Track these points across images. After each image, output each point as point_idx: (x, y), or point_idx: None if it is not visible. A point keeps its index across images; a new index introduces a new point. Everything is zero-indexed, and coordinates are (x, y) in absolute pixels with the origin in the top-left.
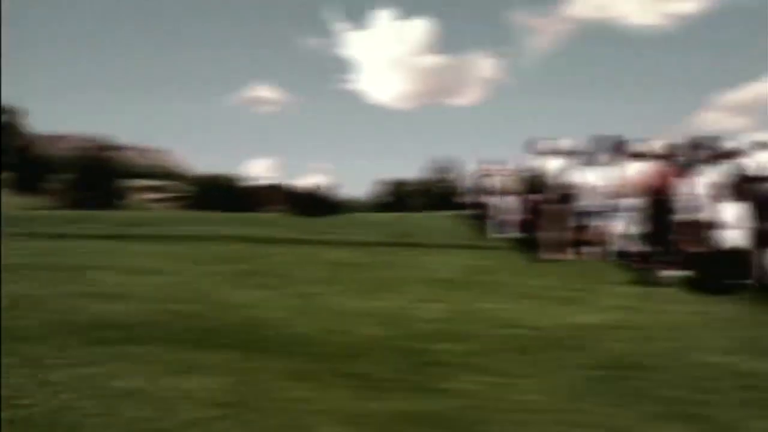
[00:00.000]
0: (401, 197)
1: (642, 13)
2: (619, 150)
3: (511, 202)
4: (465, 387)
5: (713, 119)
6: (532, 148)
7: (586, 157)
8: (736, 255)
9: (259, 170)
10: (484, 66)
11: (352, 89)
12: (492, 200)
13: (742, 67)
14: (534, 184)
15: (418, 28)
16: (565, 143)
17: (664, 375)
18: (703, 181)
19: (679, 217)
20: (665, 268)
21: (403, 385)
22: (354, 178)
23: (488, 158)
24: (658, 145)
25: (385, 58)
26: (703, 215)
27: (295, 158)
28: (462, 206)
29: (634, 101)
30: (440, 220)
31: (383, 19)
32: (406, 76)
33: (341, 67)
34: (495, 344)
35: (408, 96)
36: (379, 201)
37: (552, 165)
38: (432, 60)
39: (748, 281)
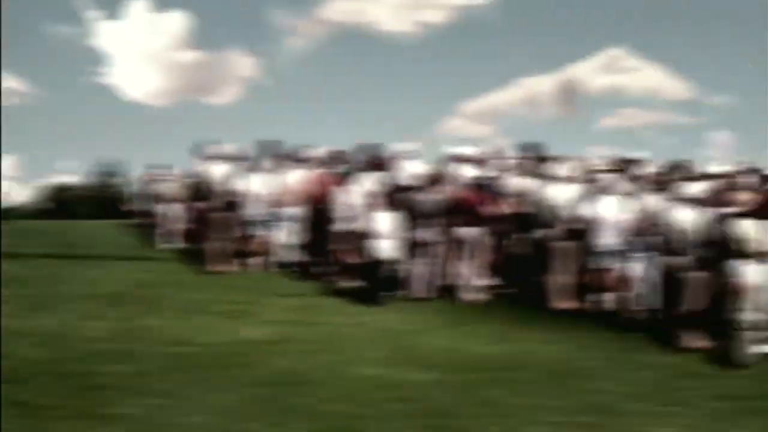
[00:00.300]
0: (64, 203)
1: (394, 19)
2: (282, 156)
3: (178, 210)
4: (129, 412)
5: (458, 127)
6: (198, 152)
7: (251, 162)
8: (389, 265)
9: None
10: (242, 64)
11: (105, 83)
12: (159, 208)
13: (483, 77)
14: (199, 191)
15: (175, 21)
16: (230, 148)
17: (325, 390)
18: (360, 189)
19: (336, 226)
20: (326, 279)
21: (66, 412)
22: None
23: (156, 163)
24: (320, 151)
25: (140, 52)
26: (358, 225)
27: (41, 156)
28: (129, 214)
29: (386, 106)
30: (106, 229)
31: (138, 10)
32: (162, 71)
33: (93, 59)
34: (160, 364)
35: (163, 92)
36: (40, 207)
37: (217, 171)
38: (189, 56)
39: (401, 292)
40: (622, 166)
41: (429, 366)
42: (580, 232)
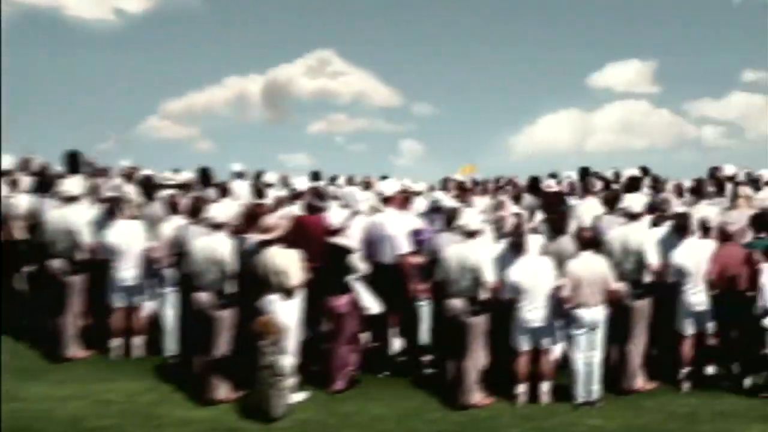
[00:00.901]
0: None
1: (87, 3)
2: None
3: None
4: None
5: (159, 127)
6: None
7: None
8: None
9: None
10: None
11: None
12: None
13: (187, 73)
14: None
15: None
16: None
17: None
18: None
19: None
20: None
21: None
22: None
23: None
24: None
25: None
26: None
27: None
28: None
29: (80, 103)
30: None
31: None
32: None
33: None
34: None
35: None
36: None
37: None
38: None
39: None
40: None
41: None
42: (97, 262)
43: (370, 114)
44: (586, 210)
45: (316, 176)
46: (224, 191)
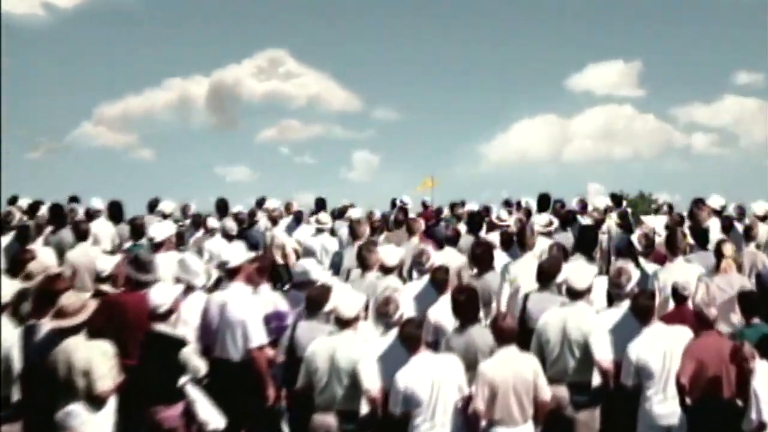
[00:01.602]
0: None
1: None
2: None
3: None
4: None
5: (94, 134)
6: None
7: None
8: None
9: None
10: None
11: None
12: None
13: (124, 75)
14: None
15: None
16: None
17: None
18: None
19: None
20: None
21: None
22: None
23: None
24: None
25: None
26: None
27: None
28: None
29: (14, 108)
30: None
31: None
32: None
33: None
34: None
35: None
36: None
37: None
38: None
39: None
40: None
41: None
42: None
43: (325, 120)
44: (525, 270)
45: (222, 208)
46: (81, 233)
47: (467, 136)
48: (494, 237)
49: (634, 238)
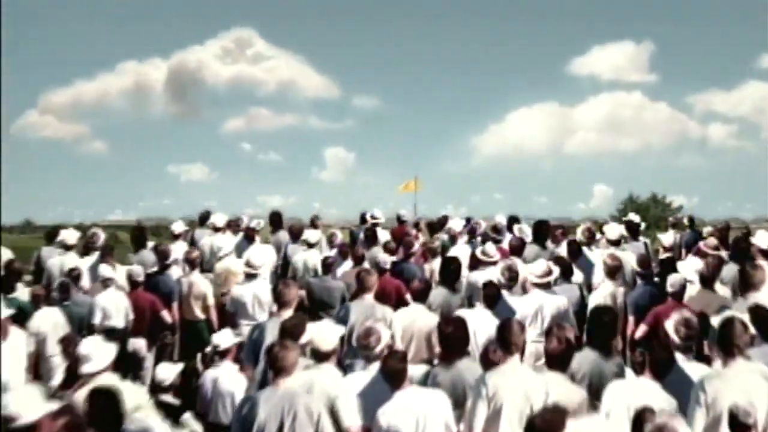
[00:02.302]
0: None
1: None
2: None
3: None
4: None
5: (40, 124)
6: None
7: None
8: None
9: None
10: None
11: None
12: None
13: (74, 58)
14: None
15: None
16: None
17: None
18: None
19: None
20: None
21: None
22: None
23: None
24: None
25: None
26: None
27: None
28: None
29: None
30: None
31: None
32: None
33: None
34: None
35: None
36: None
37: None
38: None
39: None
40: None
41: None
42: None
43: (299, 108)
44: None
45: (139, 238)
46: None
47: (457, 127)
48: (480, 276)
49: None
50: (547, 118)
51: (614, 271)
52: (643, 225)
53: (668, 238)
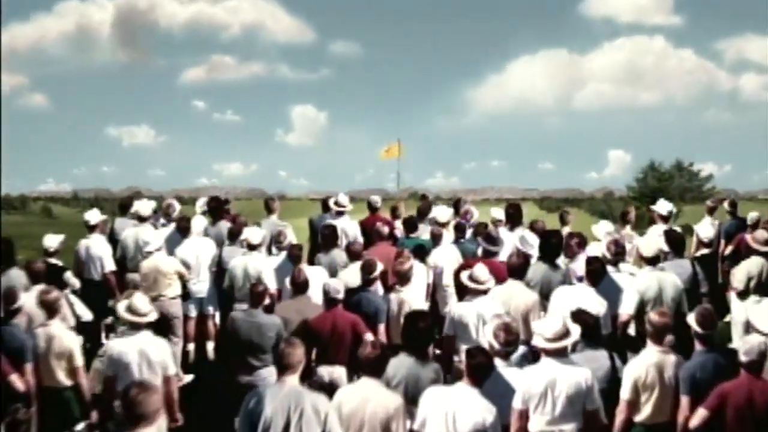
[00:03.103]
0: None
1: None
2: None
3: None
4: None
5: None
6: None
7: None
8: None
9: None
10: None
11: None
12: None
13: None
14: None
15: None
16: None
17: None
18: None
19: None
20: None
21: None
22: None
23: None
24: None
25: None
26: None
27: None
28: None
29: None
30: None
31: None
32: None
33: None
34: None
35: None
36: None
37: None
38: None
39: None
40: None
41: None
42: None
43: (268, 56)
44: None
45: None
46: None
47: (449, 79)
48: (466, 310)
49: None
50: (555, 67)
51: (661, 333)
52: (673, 208)
53: (706, 229)
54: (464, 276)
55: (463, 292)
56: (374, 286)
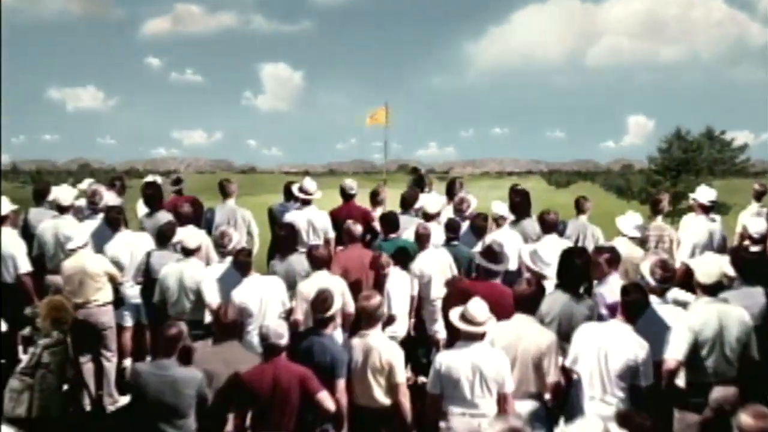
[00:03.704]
0: None
1: None
2: None
3: None
4: None
5: None
6: None
7: None
8: None
9: None
10: None
11: None
12: None
13: None
14: None
15: None
16: None
17: None
18: None
19: None
20: None
21: None
22: None
23: None
24: None
25: None
26: None
27: None
28: None
29: None
30: None
31: None
32: None
33: None
34: None
35: None
36: None
37: None
38: None
39: None
40: None
41: None
42: None
43: (242, 4)
44: None
45: None
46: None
47: (445, 32)
48: (454, 360)
49: None
50: (565, 18)
51: None
52: (716, 197)
53: (758, 223)
54: (454, 315)
55: (454, 333)
56: (330, 327)
